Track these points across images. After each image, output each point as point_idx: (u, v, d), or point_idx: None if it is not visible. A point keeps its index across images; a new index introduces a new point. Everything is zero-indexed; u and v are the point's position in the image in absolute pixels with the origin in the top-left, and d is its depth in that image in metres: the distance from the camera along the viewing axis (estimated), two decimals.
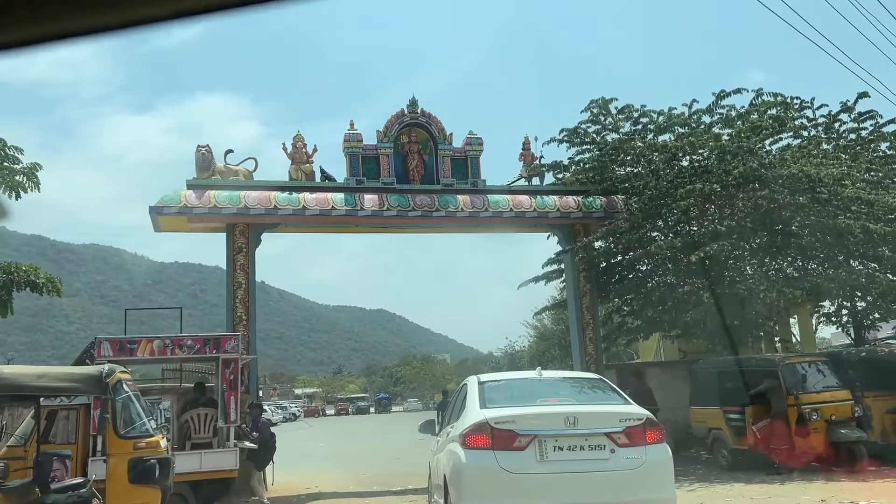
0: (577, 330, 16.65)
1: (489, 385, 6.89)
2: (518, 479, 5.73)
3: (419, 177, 16.25)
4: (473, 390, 6.75)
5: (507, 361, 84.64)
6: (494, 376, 7.60)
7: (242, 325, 14.63)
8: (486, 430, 5.88)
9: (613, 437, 5.87)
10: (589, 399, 6.75)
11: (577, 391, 7.02)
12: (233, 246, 14.87)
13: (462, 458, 5.91)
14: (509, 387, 7.12)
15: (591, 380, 7.55)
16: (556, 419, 5.94)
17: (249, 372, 14.47)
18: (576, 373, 8.94)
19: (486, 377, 7.31)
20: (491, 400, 6.46)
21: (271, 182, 15.22)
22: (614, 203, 16.72)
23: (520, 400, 6.60)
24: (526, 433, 5.82)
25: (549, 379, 7.23)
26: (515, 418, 5.97)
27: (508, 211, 16.06)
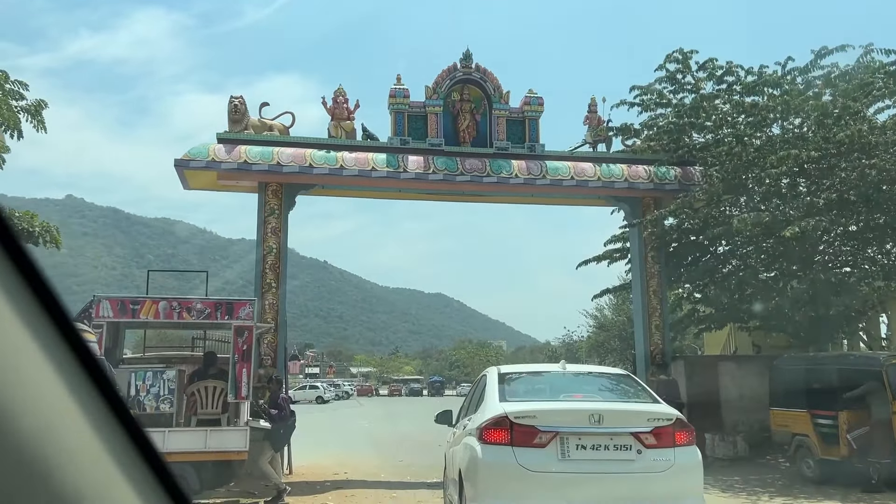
0: (643, 316, 14.87)
1: (510, 377, 6.60)
2: (537, 477, 5.43)
3: (470, 139, 14.69)
4: (493, 382, 6.41)
5: (565, 351, 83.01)
6: (516, 368, 7.35)
7: (272, 292, 13.44)
8: (505, 425, 5.58)
9: (641, 437, 5.55)
10: (615, 396, 6.49)
11: (602, 387, 6.73)
12: (264, 207, 13.65)
13: (479, 452, 5.62)
14: (531, 380, 6.87)
15: (618, 376, 7.21)
16: (581, 416, 5.65)
17: (277, 343, 13.29)
18: (602, 368, 8.23)
19: (508, 368, 7.00)
20: (511, 393, 6.18)
21: (308, 139, 13.92)
22: (690, 174, 14.81)
23: (542, 394, 6.40)
24: (547, 429, 5.52)
25: (574, 373, 6.94)
26: (537, 413, 5.66)
27: (569, 179, 14.36)
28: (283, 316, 13.60)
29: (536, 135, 14.87)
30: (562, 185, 14.36)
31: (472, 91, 14.82)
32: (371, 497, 10.72)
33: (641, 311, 14.91)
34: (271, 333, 13.29)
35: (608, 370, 7.93)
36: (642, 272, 15.02)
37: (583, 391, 6.45)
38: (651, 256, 15.00)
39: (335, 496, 10.85)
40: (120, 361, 10.54)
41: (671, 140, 14.75)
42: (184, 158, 13.13)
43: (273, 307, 13.39)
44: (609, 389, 6.70)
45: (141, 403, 9.34)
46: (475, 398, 6.95)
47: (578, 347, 73.09)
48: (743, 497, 10.44)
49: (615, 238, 17.14)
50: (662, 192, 14.68)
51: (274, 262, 13.54)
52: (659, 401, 6.23)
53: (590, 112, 15.52)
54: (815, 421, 11.60)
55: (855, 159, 11.77)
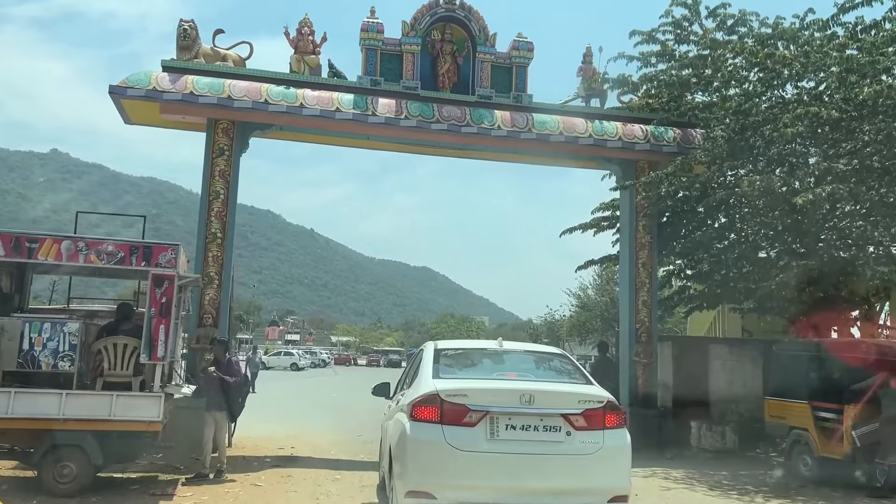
0: (629, 291, 13.49)
1: (446, 353, 6.53)
2: (465, 456, 5.42)
3: (450, 84, 13.13)
4: (428, 358, 6.35)
5: (546, 329, 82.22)
6: (453, 344, 7.27)
7: (216, 243, 11.92)
8: (436, 403, 5.55)
9: (570, 418, 5.59)
10: (549, 376, 6.46)
11: (537, 367, 6.72)
12: (213, 147, 12.07)
13: (407, 429, 5.61)
14: (467, 357, 6.82)
15: (554, 355, 7.10)
16: (512, 396, 5.63)
17: (220, 301, 11.82)
18: (539, 346, 8.33)
19: (445, 344, 6.90)
20: (445, 370, 6.14)
21: (266, 72, 12.31)
22: (691, 137, 13.36)
23: (476, 372, 6.42)
24: (478, 408, 5.52)
25: (511, 351, 6.93)
26: (468, 392, 5.63)
27: (557, 134, 12.86)
28: (230, 270, 12.11)
29: (524, 84, 13.34)
30: (549, 141, 12.88)
31: (454, 31, 13.23)
32: (310, 478, 9.37)
33: (628, 284, 13.54)
34: (214, 289, 11.82)
35: (545, 349, 7.71)
36: (631, 243, 13.62)
37: (517, 370, 6.39)
38: (642, 226, 13.59)
39: (269, 476, 9.49)
40: (19, 309, 9.04)
41: (671, 97, 13.27)
42: (120, 85, 11.51)
43: (217, 260, 11.90)
44: (544, 369, 6.65)
45: (35, 360, 7.89)
46: (411, 373, 6.84)
47: (560, 326, 72.26)
48: (734, 498, 9.17)
49: (604, 206, 15.71)
50: (659, 154, 13.23)
51: (221, 210, 12.00)
52: (592, 382, 6.17)
53: (584, 63, 14.00)
54: (816, 414, 10.33)
55: (880, 121, 10.35)
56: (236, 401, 9.07)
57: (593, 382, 6.18)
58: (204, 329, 11.66)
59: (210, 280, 11.82)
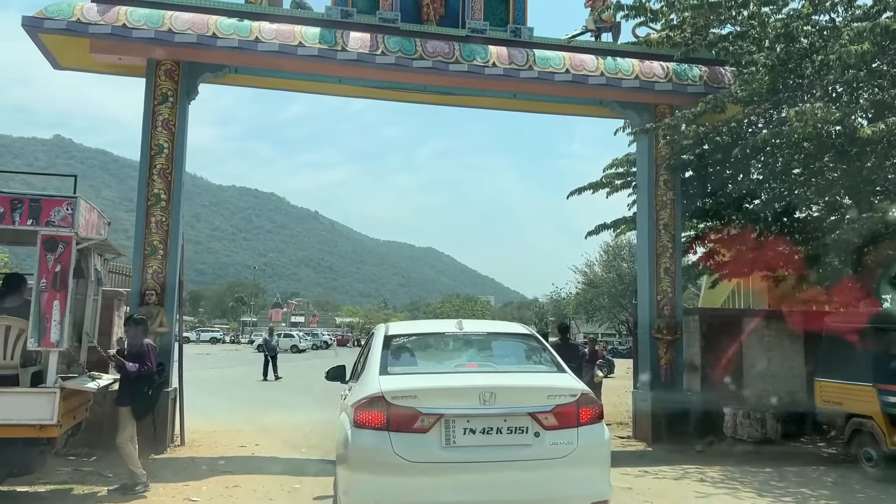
0: (649, 258, 11.59)
1: (397, 340, 5.64)
2: (417, 468, 4.68)
3: (437, 17, 11.18)
4: (377, 347, 5.47)
5: (553, 308, 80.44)
6: (406, 328, 6.26)
7: (160, 206, 10.06)
8: (381, 406, 4.75)
9: (539, 417, 4.84)
10: (515, 364, 5.71)
11: (502, 353, 5.90)
12: (154, 92, 10.16)
13: (349, 438, 4.84)
14: (421, 344, 5.86)
15: (520, 336, 6.10)
16: (470, 394, 4.83)
17: (166, 275, 9.97)
18: (504, 326, 7.05)
19: (397, 328, 6.05)
20: (395, 362, 5.30)
21: (216, 2, 10.35)
22: (719, 76, 11.37)
23: (430, 364, 5.59)
24: (430, 411, 4.74)
25: (471, 334, 5.93)
26: (418, 392, 4.80)
27: (563, 72, 10.89)
28: (178, 238, 10.24)
29: (523, 15, 11.36)
30: (553, 81, 10.89)
31: None
32: (261, 489, 7.54)
33: (648, 250, 11.62)
34: (158, 260, 9.97)
35: (510, 329, 6.60)
36: (651, 201, 11.69)
37: (478, 358, 5.73)
38: (663, 181, 11.65)
39: (212, 487, 7.65)
40: None
41: (697, 28, 11.23)
42: (37, 17, 9.59)
43: (162, 226, 10.03)
44: (509, 355, 5.89)
45: None
46: (362, 360, 5.98)
47: (566, 304, 70.44)
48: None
49: (617, 162, 13.72)
50: (683, 95, 11.23)
51: (164, 167, 10.11)
52: (564, 369, 5.42)
53: None
54: (884, 399, 8.45)
55: None
56: (142, 395, 7.23)
57: (565, 369, 5.41)
58: (147, 308, 9.83)
59: (153, 250, 10.00)
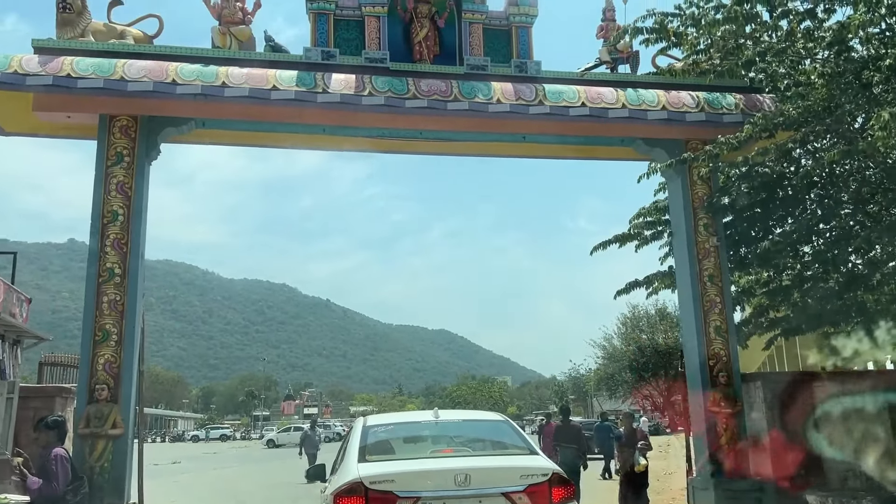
0: (695, 315, 9.83)
1: (374, 430, 5.89)
2: None
3: (431, 56, 9.88)
4: (356, 437, 5.73)
5: (572, 385, 77.48)
6: (383, 419, 6.63)
7: (113, 284, 8.48)
8: (360, 492, 4.95)
9: (513, 497, 5.04)
10: (489, 448, 6.05)
11: (476, 438, 6.23)
12: (106, 151, 8.76)
13: None
14: (398, 432, 6.22)
15: (494, 422, 6.47)
16: (445, 477, 5.05)
17: (120, 364, 8.29)
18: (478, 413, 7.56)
19: (375, 420, 6.29)
20: (373, 450, 5.57)
21: (177, 48, 9.09)
22: (757, 103, 9.92)
23: (407, 451, 5.93)
24: (408, 495, 4.92)
25: (446, 422, 6.18)
26: (395, 476, 5.06)
27: (579, 106, 9.46)
28: (135, 321, 8.59)
29: (527, 49, 10.06)
30: (568, 116, 9.46)
31: None
32: None
33: (693, 306, 9.87)
34: (111, 348, 8.31)
35: (485, 416, 7.21)
36: (691, 250, 10.03)
37: (454, 444, 5.93)
38: (703, 226, 10.02)
39: None
40: None
41: (728, 51, 9.83)
42: None
43: (116, 307, 8.42)
44: (483, 440, 6.18)
45: None
46: (341, 453, 6.03)
47: (586, 381, 67.76)
48: None
49: (645, 211, 12.12)
50: (719, 126, 9.72)
51: (119, 237, 8.58)
52: (535, 451, 5.58)
53: (605, 21, 10.71)
54: None
55: None
56: None
57: (537, 452, 5.62)
58: (96, 406, 8.13)
59: (105, 335, 8.36)
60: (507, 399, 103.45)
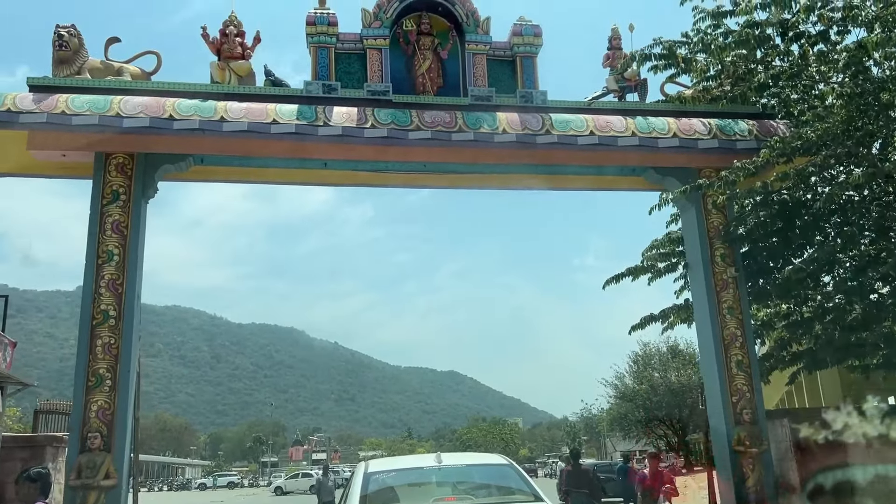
0: (715, 350, 9.38)
1: (375, 478, 5.71)
2: None
3: (435, 88, 9.68)
4: (356, 487, 5.55)
5: (584, 426, 76.13)
6: (385, 465, 6.31)
7: (108, 327, 8.14)
8: None
9: None
10: (492, 495, 5.88)
11: (479, 485, 6.03)
12: (102, 190, 8.52)
13: None
14: (400, 479, 5.98)
15: (498, 467, 6.23)
16: None
17: (114, 410, 7.91)
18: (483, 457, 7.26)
19: (376, 466, 6.05)
20: (374, 499, 5.43)
21: (175, 84, 8.90)
22: (771, 129, 9.64)
23: (410, 498, 5.79)
24: None
25: (449, 467, 5.95)
26: None
27: (587, 135, 9.20)
28: (130, 365, 8.22)
29: (533, 79, 9.84)
30: (576, 146, 9.19)
31: (433, 21, 9.88)
32: None
33: (713, 340, 9.43)
34: (105, 393, 7.94)
35: (489, 460, 6.86)
36: (708, 281, 9.63)
37: (457, 490, 5.74)
38: (720, 255, 9.64)
39: None
40: None
41: (738, 76, 9.59)
42: None
43: (110, 350, 8.07)
44: (486, 486, 5.99)
45: None
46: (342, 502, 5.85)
47: (598, 421, 66.53)
48: None
49: (658, 244, 11.76)
50: (733, 153, 9.41)
51: (114, 277, 8.28)
52: (541, 497, 5.35)
53: (611, 49, 10.50)
54: None
55: None
56: None
57: (542, 498, 5.37)
58: (88, 456, 7.73)
59: (99, 380, 7.99)
60: (518, 441, 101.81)
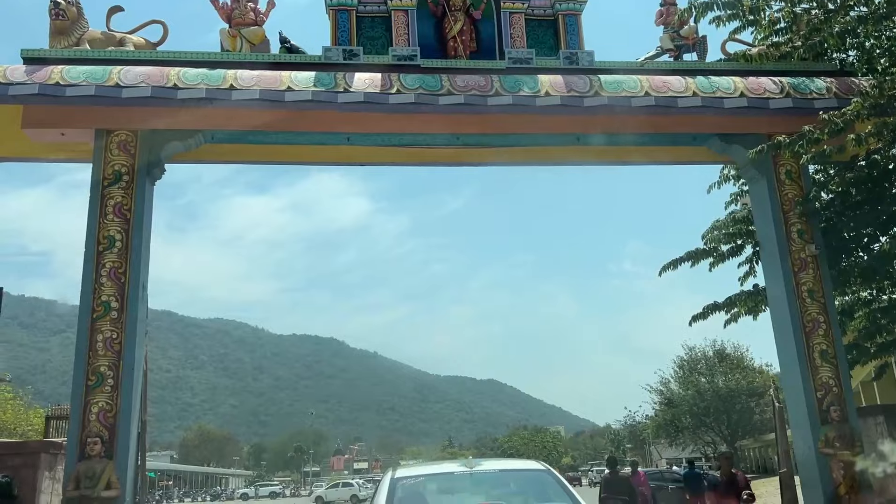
0: (795, 338, 8.17)
1: (403, 485, 5.38)
2: None
3: (467, 52, 8.70)
4: (383, 492, 5.24)
5: (628, 434, 73.98)
6: (413, 472, 5.89)
7: (110, 321, 7.31)
8: None
9: None
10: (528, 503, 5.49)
11: (514, 492, 5.60)
12: (102, 170, 7.72)
13: None
14: (429, 485, 5.65)
15: (533, 473, 5.75)
16: None
17: (117, 412, 7.06)
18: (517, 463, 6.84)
19: (403, 473, 5.66)
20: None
21: (179, 53, 8.09)
22: (852, 86, 8.43)
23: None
24: None
25: (482, 473, 5.54)
26: None
27: (642, 96, 8.13)
28: (134, 361, 7.36)
29: (578, 40, 8.82)
30: (630, 108, 8.12)
31: None
32: None
33: (791, 327, 8.22)
34: (106, 394, 7.09)
35: (524, 465, 6.32)
36: (784, 261, 8.43)
37: (490, 496, 5.31)
38: (797, 232, 8.44)
39: None
40: None
41: (813, 27, 8.40)
42: None
43: (112, 346, 7.23)
44: (522, 493, 5.59)
45: None
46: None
47: (643, 428, 64.51)
48: None
49: (721, 224, 10.52)
50: (809, 113, 8.20)
51: (116, 265, 7.45)
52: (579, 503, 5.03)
53: (665, 4, 9.43)
54: None
55: None
56: None
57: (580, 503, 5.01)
58: (87, 464, 6.88)
59: (100, 379, 7.16)
60: (561, 449, 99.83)
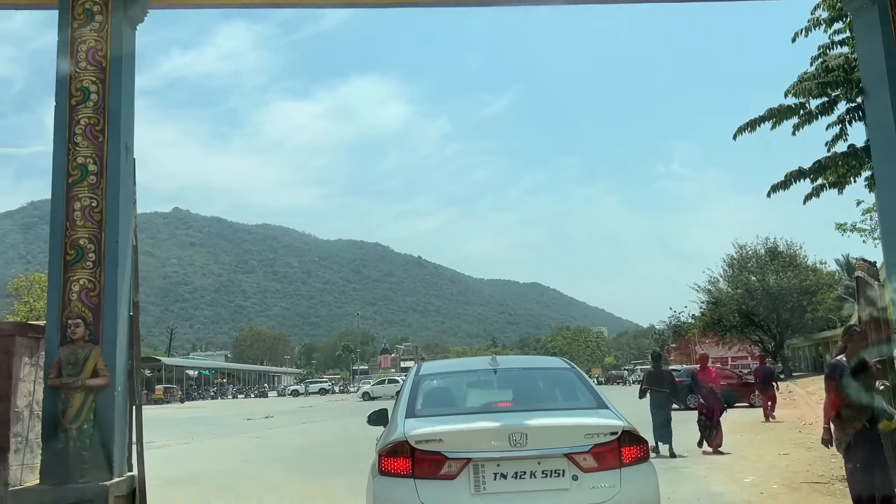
0: None
1: (427, 381, 5.42)
2: None
3: None
4: (407, 388, 5.25)
5: (672, 334, 73.19)
6: (437, 367, 6.21)
7: (88, 186, 6.25)
8: (406, 452, 4.44)
9: (576, 458, 4.34)
10: (550, 402, 5.29)
11: (537, 389, 5.51)
12: (71, 7, 6.48)
13: (373, 489, 4.58)
14: (452, 383, 5.67)
15: (558, 371, 5.63)
16: (499, 436, 4.44)
17: (101, 290, 6.11)
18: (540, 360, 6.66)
19: (428, 368, 5.86)
20: (424, 403, 5.06)
21: None
22: None
23: (460, 404, 5.33)
24: (457, 456, 4.35)
25: (505, 370, 5.48)
26: (443, 436, 4.44)
27: None
28: (122, 235, 6.34)
29: None
30: None
31: None
32: None
33: None
34: (87, 271, 6.13)
35: (548, 363, 6.19)
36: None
37: (513, 396, 5.32)
38: None
39: None
40: None
41: None
42: None
43: (92, 215, 6.21)
44: (545, 392, 5.48)
45: None
46: (396, 402, 5.40)
47: (688, 328, 63.59)
48: None
49: (807, 76, 8.84)
50: None
51: (93, 121, 6.32)
52: (606, 405, 4.83)
53: None
54: None
55: None
56: None
57: (607, 405, 4.80)
58: (70, 348, 6.00)
59: (80, 253, 6.21)
60: (604, 349, 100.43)
